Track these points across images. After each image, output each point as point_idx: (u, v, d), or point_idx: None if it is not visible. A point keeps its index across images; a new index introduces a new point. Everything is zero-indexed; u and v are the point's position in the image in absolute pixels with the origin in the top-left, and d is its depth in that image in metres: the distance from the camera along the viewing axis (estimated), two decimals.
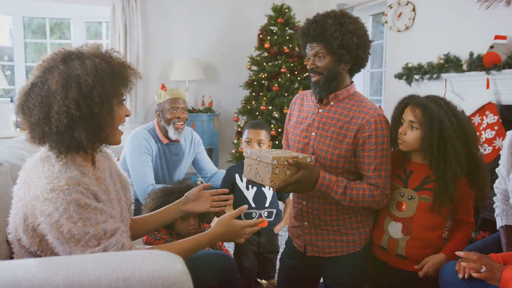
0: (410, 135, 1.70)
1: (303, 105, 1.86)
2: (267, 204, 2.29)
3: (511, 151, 1.87)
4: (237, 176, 2.31)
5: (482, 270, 1.46)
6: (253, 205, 2.26)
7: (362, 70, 1.83)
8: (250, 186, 2.28)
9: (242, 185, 2.29)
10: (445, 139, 1.62)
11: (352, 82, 1.78)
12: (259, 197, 2.28)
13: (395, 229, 1.74)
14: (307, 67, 1.71)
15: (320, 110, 1.75)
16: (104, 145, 1.34)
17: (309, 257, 1.83)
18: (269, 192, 2.30)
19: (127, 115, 1.35)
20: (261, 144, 2.30)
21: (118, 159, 1.51)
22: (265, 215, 2.29)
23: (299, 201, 1.83)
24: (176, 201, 1.71)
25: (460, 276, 1.53)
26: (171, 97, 2.63)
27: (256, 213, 2.27)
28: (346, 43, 1.61)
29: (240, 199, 2.28)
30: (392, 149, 1.83)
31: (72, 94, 1.16)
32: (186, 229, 2.10)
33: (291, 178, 1.58)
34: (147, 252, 0.91)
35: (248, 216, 2.27)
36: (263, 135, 2.30)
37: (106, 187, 1.36)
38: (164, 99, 2.64)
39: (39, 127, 1.20)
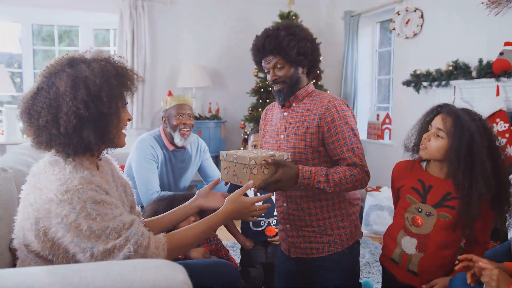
0: (434, 143, 1.63)
1: (272, 115, 1.92)
2: (275, 212, 2.27)
3: None
4: None
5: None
6: (262, 213, 2.24)
7: (369, 76, 1.83)
8: (258, 194, 2.26)
9: (250, 192, 2.28)
10: (474, 154, 1.55)
11: (309, 82, 1.85)
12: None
13: (409, 245, 1.67)
14: (268, 79, 1.78)
15: (285, 114, 1.81)
16: (109, 148, 1.36)
17: (294, 259, 1.84)
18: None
19: (129, 119, 1.38)
20: None
21: (123, 166, 1.51)
22: (274, 223, 2.27)
23: (280, 204, 1.85)
24: (185, 204, 1.70)
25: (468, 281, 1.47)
26: (177, 103, 2.62)
27: (265, 221, 2.27)
28: (303, 50, 1.71)
29: None
30: (409, 153, 1.79)
31: (81, 95, 1.19)
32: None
33: (272, 178, 1.59)
34: (149, 262, 0.89)
35: (257, 224, 2.27)
36: (260, 136, 2.30)
37: (109, 189, 1.36)
38: (170, 105, 2.64)
39: (46, 130, 1.21)
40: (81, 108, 1.19)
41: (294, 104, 1.80)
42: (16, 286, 0.77)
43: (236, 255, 3.08)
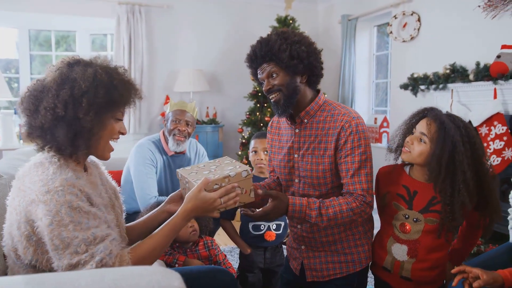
0: (417, 147, 1.61)
1: (280, 129, 1.81)
2: None
3: None
4: None
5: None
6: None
7: (366, 80, 1.79)
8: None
9: None
10: (455, 163, 1.53)
11: (319, 91, 1.72)
12: None
13: (400, 252, 1.66)
14: (264, 89, 1.64)
15: (297, 130, 1.69)
16: (88, 155, 1.34)
17: (307, 282, 1.76)
18: None
19: (122, 133, 1.36)
20: (267, 153, 2.28)
21: (121, 171, 1.49)
22: (274, 228, 2.26)
23: (294, 225, 1.77)
24: (158, 209, 1.65)
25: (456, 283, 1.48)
26: (177, 109, 2.62)
27: (264, 226, 2.25)
28: (296, 53, 1.56)
29: None
30: (394, 155, 1.76)
31: (63, 94, 1.21)
32: (186, 232, 2.06)
33: (261, 211, 1.53)
34: (143, 269, 0.87)
35: (257, 228, 2.25)
36: (268, 149, 2.28)
37: (99, 192, 1.37)
38: (172, 109, 2.64)
39: (28, 120, 1.25)
40: (59, 106, 1.20)
41: (306, 121, 1.66)
42: None
43: (234, 260, 3.06)
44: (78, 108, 1.21)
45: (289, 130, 1.73)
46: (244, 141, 4.61)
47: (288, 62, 1.57)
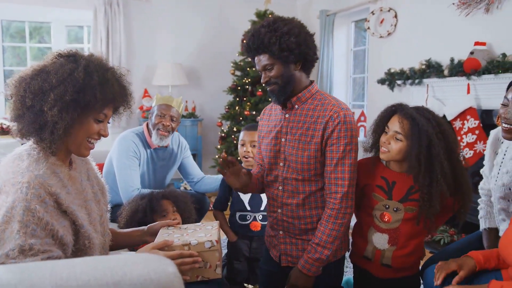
0: (394, 146, 1.66)
1: (271, 115, 1.85)
2: (262, 208, 2.32)
3: (493, 148, 1.91)
4: None
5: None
6: (248, 208, 2.31)
7: (344, 75, 1.83)
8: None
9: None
10: (433, 155, 1.59)
11: (312, 81, 1.77)
12: (255, 200, 2.32)
13: (381, 241, 1.72)
14: (262, 82, 1.71)
15: (287, 115, 1.74)
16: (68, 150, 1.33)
17: (284, 266, 1.81)
18: (265, 196, 2.31)
19: (102, 135, 1.36)
20: (255, 146, 2.33)
21: (101, 164, 1.47)
22: (260, 218, 2.31)
23: (274, 209, 1.81)
24: (140, 229, 1.65)
25: (436, 283, 1.55)
26: (162, 103, 2.62)
27: (250, 216, 2.30)
28: (285, 45, 1.61)
29: (236, 202, 2.34)
30: (369, 154, 1.81)
31: (33, 85, 1.22)
32: (170, 224, 2.07)
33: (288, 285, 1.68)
34: (137, 256, 0.88)
35: (243, 218, 2.31)
36: (257, 136, 2.32)
37: (82, 188, 1.37)
38: (157, 103, 2.64)
39: (12, 104, 1.26)
40: (27, 96, 1.21)
41: (296, 106, 1.72)
42: (1, 284, 0.76)
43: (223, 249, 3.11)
44: (44, 101, 1.21)
45: (279, 115, 1.78)
46: (223, 135, 4.62)
47: (279, 54, 1.62)
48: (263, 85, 1.71)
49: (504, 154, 1.82)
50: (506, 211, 1.79)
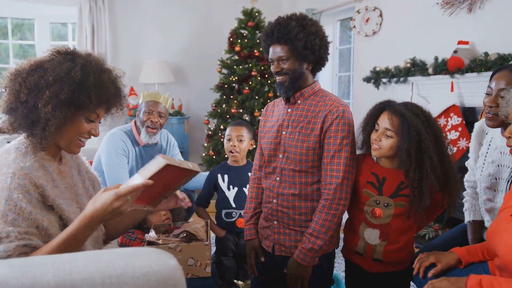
0: (385, 142, 1.69)
1: (274, 111, 1.91)
2: None
3: (478, 140, 1.97)
4: (219, 176, 2.37)
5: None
6: (234, 205, 2.32)
7: (330, 73, 1.88)
8: (231, 186, 2.33)
9: (224, 185, 2.35)
10: (422, 150, 1.63)
11: (316, 81, 1.83)
12: (240, 197, 2.33)
13: (372, 236, 1.75)
14: (272, 70, 1.75)
15: (289, 110, 1.80)
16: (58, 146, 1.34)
17: (277, 256, 1.85)
18: None
19: (93, 135, 1.37)
20: (241, 140, 2.35)
21: (91, 162, 1.48)
22: None
23: (269, 200, 1.85)
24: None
25: (416, 272, 1.63)
26: (150, 100, 2.61)
27: (236, 213, 2.32)
28: (310, 44, 1.67)
29: (222, 199, 2.36)
30: (360, 151, 1.84)
31: (30, 80, 1.23)
32: (159, 221, 2.10)
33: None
34: (138, 249, 0.89)
35: (229, 215, 2.32)
36: (244, 131, 2.35)
37: (73, 183, 1.38)
38: (144, 99, 2.62)
39: (4, 96, 1.28)
40: (22, 91, 1.22)
41: (299, 102, 1.78)
42: (4, 277, 0.76)
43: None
44: (39, 98, 1.22)
45: (282, 110, 1.84)
46: (210, 132, 4.62)
47: (301, 51, 1.67)
48: (273, 73, 1.76)
49: (489, 145, 1.87)
50: (491, 201, 1.84)
